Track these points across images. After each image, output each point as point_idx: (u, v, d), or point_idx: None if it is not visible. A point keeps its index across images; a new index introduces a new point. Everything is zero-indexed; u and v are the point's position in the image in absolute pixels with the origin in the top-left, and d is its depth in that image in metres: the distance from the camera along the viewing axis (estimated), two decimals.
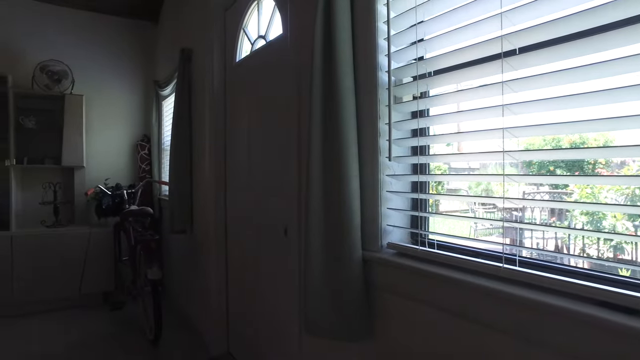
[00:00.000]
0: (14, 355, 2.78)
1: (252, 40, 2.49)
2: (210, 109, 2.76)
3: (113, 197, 3.79)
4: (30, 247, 3.60)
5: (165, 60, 4.05)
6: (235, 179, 2.64)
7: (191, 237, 3.24)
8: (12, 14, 3.94)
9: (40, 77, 3.84)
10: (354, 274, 1.36)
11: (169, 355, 2.81)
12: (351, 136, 1.37)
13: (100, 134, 4.31)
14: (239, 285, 2.61)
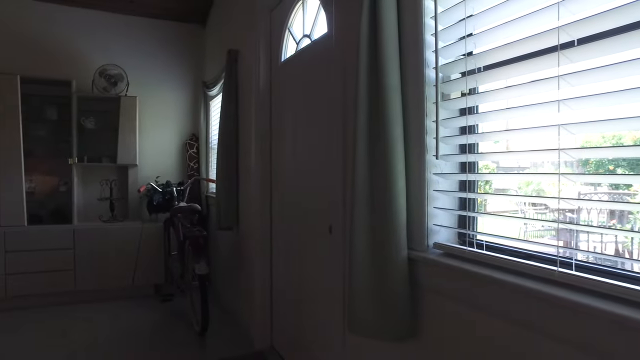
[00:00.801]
0: (77, 338, 2.97)
1: (297, 40, 2.52)
2: (256, 109, 2.81)
3: (163, 194, 3.95)
4: (89, 240, 3.83)
5: (212, 61, 4.18)
6: (281, 178, 2.67)
7: (237, 233, 3.32)
8: (76, 25, 4.21)
9: (99, 81, 4.07)
10: (399, 273, 1.34)
11: (215, 347, 2.90)
12: (397, 134, 1.35)
13: (152, 134, 4.51)
14: (283, 281, 2.65)
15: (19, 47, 4.04)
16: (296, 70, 2.43)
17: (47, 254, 3.71)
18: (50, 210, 4.05)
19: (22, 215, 3.70)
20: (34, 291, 3.68)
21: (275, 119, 2.75)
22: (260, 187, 2.79)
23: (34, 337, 3.05)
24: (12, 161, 3.68)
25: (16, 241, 3.63)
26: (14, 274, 3.62)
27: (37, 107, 3.97)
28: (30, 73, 3.93)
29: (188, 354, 2.79)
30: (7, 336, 3.06)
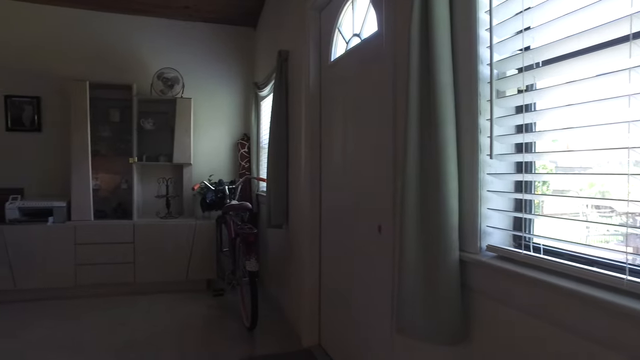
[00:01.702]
0: (136, 326, 3.15)
1: (346, 39, 2.51)
2: (305, 109, 2.84)
3: (216, 192, 4.08)
4: (147, 235, 4.04)
5: (263, 62, 4.26)
6: (330, 177, 2.68)
7: (287, 231, 3.37)
8: (137, 32, 4.46)
9: (157, 84, 4.28)
10: (450, 275, 1.31)
11: (264, 342, 2.96)
12: (449, 134, 1.31)
13: (206, 134, 4.68)
14: (331, 279, 2.66)
15: (88, 55, 4.34)
16: (346, 70, 2.43)
17: (110, 247, 3.95)
18: (113, 206, 4.32)
19: (89, 211, 3.97)
20: (99, 281, 3.93)
21: (324, 118, 2.77)
22: (310, 186, 2.81)
23: (98, 323, 3.26)
24: (81, 160, 3.96)
25: (84, 234, 3.89)
26: (82, 264, 3.89)
27: (102, 110, 4.24)
28: (97, 79, 4.21)
29: (238, 347, 2.87)
30: (75, 322, 3.29)
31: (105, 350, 2.81)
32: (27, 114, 4.21)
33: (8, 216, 3.79)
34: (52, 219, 3.88)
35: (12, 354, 2.74)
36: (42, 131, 4.26)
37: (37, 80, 4.23)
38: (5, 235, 3.73)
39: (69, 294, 3.91)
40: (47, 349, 2.81)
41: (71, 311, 3.55)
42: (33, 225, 3.80)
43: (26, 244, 3.77)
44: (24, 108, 4.21)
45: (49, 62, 4.26)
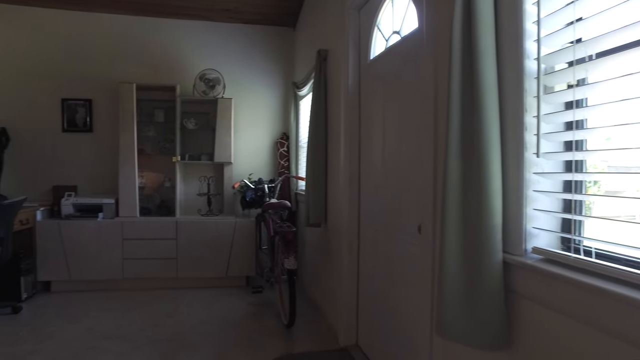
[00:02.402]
0: (179, 319, 3.26)
1: (386, 37, 2.49)
2: (344, 108, 2.84)
3: (255, 191, 4.15)
4: (189, 232, 4.17)
5: (302, 62, 4.29)
6: (369, 176, 2.67)
7: (325, 230, 3.38)
8: (181, 35, 4.61)
9: (199, 85, 4.40)
10: (493, 278, 1.27)
11: (301, 340, 2.98)
12: (493, 132, 1.27)
13: (246, 133, 4.76)
14: (370, 279, 2.64)
15: (135, 59, 4.53)
16: (385, 68, 2.41)
17: (154, 243, 4.11)
18: (157, 204, 4.48)
19: (135, 208, 4.15)
20: (144, 275, 4.10)
21: (364, 117, 2.75)
22: (349, 185, 2.81)
23: (143, 315, 3.39)
24: (128, 159, 4.14)
25: (131, 230, 4.07)
26: (129, 259, 4.06)
27: (147, 111, 4.41)
28: (143, 81, 4.39)
29: (275, 344, 2.91)
30: (123, 313, 3.44)
31: (150, 340, 2.92)
32: (80, 116, 4.45)
33: (64, 212, 4.02)
34: (102, 215, 4.08)
35: (65, 342, 2.90)
36: (94, 131, 4.49)
37: (89, 83, 4.46)
38: (62, 229, 3.96)
39: (117, 286, 4.10)
40: (97, 338, 2.96)
41: (119, 303, 3.72)
42: (85, 220, 4.02)
43: (79, 238, 3.99)
44: (78, 110, 4.45)
45: (100, 66, 4.47)
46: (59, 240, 3.96)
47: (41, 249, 3.94)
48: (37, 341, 2.91)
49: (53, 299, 3.83)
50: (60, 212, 4.05)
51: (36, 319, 3.34)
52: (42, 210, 4.06)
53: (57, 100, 4.41)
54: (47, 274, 3.97)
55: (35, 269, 3.92)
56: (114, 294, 3.96)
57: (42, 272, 3.96)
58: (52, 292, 4.02)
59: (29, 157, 4.38)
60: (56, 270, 3.97)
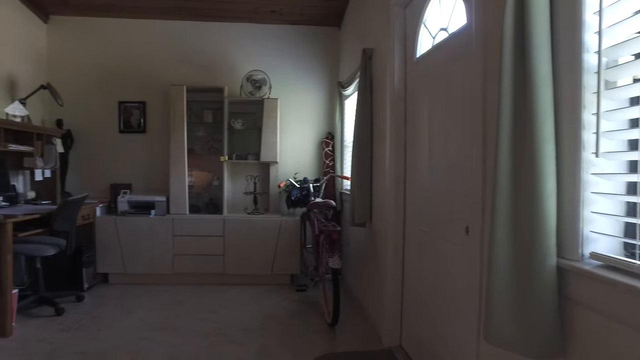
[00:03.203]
0: (225, 314, 3.36)
1: (432, 34, 2.43)
2: (390, 107, 2.80)
3: (301, 190, 4.19)
4: (236, 230, 4.27)
5: (347, 61, 4.28)
6: (415, 175, 2.62)
7: (369, 230, 3.36)
8: (228, 37, 4.73)
9: (246, 86, 4.50)
10: (546, 283, 1.21)
11: (344, 339, 2.98)
12: (547, 130, 1.21)
13: (291, 133, 4.82)
14: (415, 280, 2.60)
15: (185, 62, 4.71)
16: (432, 66, 2.36)
17: (203, 239, 4.25)
18: (205, 202, 4.63)
19: (185, 205, 4.31)
20: (193, 270, 4.25)
21: (409, 116, 2.71)
22: (394, 185, 2.77)
23: (193, 309, 3.52)
24: (179, 159, 4.31)
25: (181, 227, 4.23)
26: (179, 254, 4.23)
27: (197, 112, 4.57)
28: (193, 83, 4.55)
29: (319, 342, 2.92)
30: (174, 306, 3.59)
31: (198, 333, 3.02)
32: (135, 117, 4.68)
33: (119, 208, 4.25)
34: (154, 212, 4.27)
35: (121, 330, 3.06)
36: (147, 132, 4.70)
37: (144, 86, 4.68)
38: (118, 224, 4.19)
39: (168, 280, 4.27)
40: (149, 329, 3.10)
41: (169, 296, 3.88)
42: (139, 217, 4.22)
43: (133, 234, 4.20)
44: (133, 112, 4.68)
45: (152, 70, 4.68)
46: (115, 235, 4.19)
47: (100, 242, 4.19)
48: (97, 329, 3.10)
49: (111, 290, 4.06)
50: (116, 208, 4.29)
51: (96, 308, 3.55)
52: (101, 207, 4.31)
53: (114, 103, 4.67)
54: (105, 266, 4.21)
55: (95, 261, 4.18)
56: (165, 288, 4.13)
57: (101, 264, 4.20)
58: (110, 283, 4.26)
59: (89, 157, 4.66)
60: (113, 263, 4.21)
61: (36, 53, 4.45)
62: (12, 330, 3.00)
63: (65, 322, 3.22)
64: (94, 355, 2.68)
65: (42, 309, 3.46)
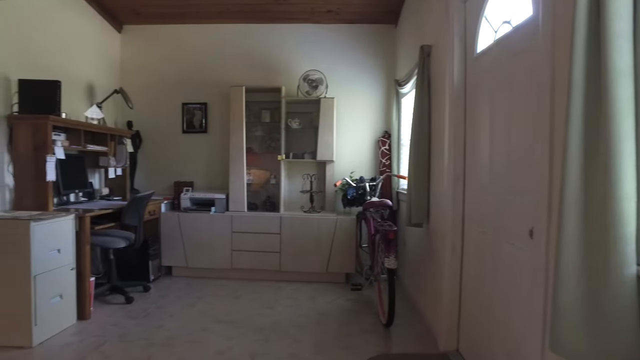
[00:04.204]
0: (280, 310, 3.43)
1: (494, 28, 2.33)
2: (449, 104, 2.72)
3: (357, 189, 4.18)
4: (292, 227, 4.34)
5: (404, 59, 4.21)
6: (475, 175, 2.53)
7: (426, 231, 3.28)
8: (285, 38, 4.82)
9: (303, 85, 4.56)
10: (622, 293, 1.11)
11: (399, 340, 2.93)
12: (626, 127, 1.11)
13: (348, 131, 4.82)
14: (474, 283, 2.51)
15: (244, 63, 4.86)
16: (493, 61, 2.26)
17: (260, 236, 4.36)
18: (262, 200, 4.75)
19: (243, 203, 4.45)
20: (250, 266, 4.37)
21: (469, 114, 2.61)
22: (453, 185, 2.69)
23: (249, 304, 3.63)
24: (237, 157, 4.45)
25: (239, 224, 4.37)
26: (237, 250, 4.37)
27: (255, 112, 4.70)
28: (251, 84, 4.68)
29: (373, 342, 2.90)
30: (232, 300, 3.72)
31: (254, 327, 3.11)
32: (197, 118, 4.90)
33: (182, 205, 4.47)
34: (214, 209, 4.44)
35: (184, 321, 3.23)
36: (208, 132, 4.91)
37: (205, 88, 4.89)
38: (180, 220, 4.41)
39: (226, 275, 4.43)
40: (209, 321, 3.24)
41: (228, 290, 4.02)
42: (200, 213, 4.41)
43: (195, 229, 4.39)
44: (195, 113, 4.91)
45: (213, 72, 4.87)
46: (178, 230, 4.41)
47: (164, 237, 4.43)
48: (162, 318, 3.28)
49: (174, 282, 4.28)
50: (179, 205, 4.51)
51: (161, 298, 3.77)
52: (165, 203, 4.56)
53: (178, 105, 4.92)
54: (169, 259, 4.45)
55: (160, 254, 4.42)
56: (223, 282, 4.29)
57: (165, 257, 4.44)
58: (173, 276, 4.49)
59: (155, 156, 4.95)
60: (176, 256, 4.43)
61: (111, 61, 4.78)
62: (90, 313, 3.27)
63: (134, 310, 3.45)
64: (159, 342, 2.85)
65: (114, 296, 3.73)
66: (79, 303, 3.19)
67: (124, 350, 2.72)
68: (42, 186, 3.24)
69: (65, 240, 3.04)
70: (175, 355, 2.68)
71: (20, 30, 3.42)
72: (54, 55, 3.84)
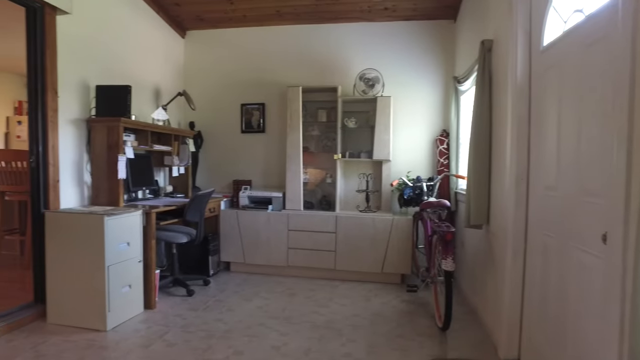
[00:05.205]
0: (335, 309, 3.44)
1: (564, 18, 2.19)
2: (512, 101, 2.60)
3: (413, 189, 4.10)
4: (347, 227, 4.34)
5: (464, 55, 4.07)
6: (540, 175, 2.39)
7: (486, 233, 3.16)
8: (341, 38, 4.83)
9: (359, 84, 4.54)
10: None
11: (456, 345, 2.84)
12: None
13: (404, 130, 4.74)
14: (537, 291, 2.37)
15: (301, 63, 4.92)
16: (563, 53, 2.12)
17: (315, 235, 4.40)
18: (318, 198, 4.79)
19: (300, 201, 4.51)
20: (305, 264, 4.43)
21: (534, 110, 2.47)
22: (515, 186, 2.56)
23: (304, 301, 3.67)
24: (294, 157, 4.52)
25: (295, 222, 4.44)
26: (293, 248, 4.44)
27: (312, 111, 4.75)
28: (308, 83, 4.74)
29: (428, 346, 2.83)
30: (287, 297, 3.79)
31: (308, 325, 3.15)
32: (255, 118, 5.04)
33: (241, 203, 4.62)
34: (271, 207, 4.54)
35: (241, 315, 3.33)
36: (266, 132, 5.03)
37: (263, 89, 5.02)
38: (239, 218, 4.55)
39: (282, 272, 4.52)
40: (265, 316, 3.31)
41: (284, 287, 4.10)
42: (257, 211, 4.53)
43: (253, 227, 4.52)
44: (253, 113, 5.05)
45: (271, 72, 4.99)
46: (236, 227, 4.56)
47: (223, 234, 4.59)
48: (220, 311, 3.41)
49: (232, 277, 4.43)
50: (238, 203, 4.66)
51: (219, 292, 3.91)
52: (225, 201, 4.73)
53: (237, 106, 5.08)
54: (227, 255, 4.61)
55: (219, 250, 4.59)
56: (279, 279, 4.38)
57: (224, 253, 4.61)
58: (231, 271, 4.65)
59: (215, 155, 5.15)
60: (234, 253, 4.58)
61: (175, 65, 5.04)
62: (155, 304, 3.47)
63: (194, 303, 3.61)
64: (218, 334, 2.96)
65: (177, 289, 3.93)
66: (146, 293, 3.40)
67: (186, 340, 2.86)
68: (114, 183, 3.49)
69: (134, 234, 3.25)
70: (233, 347, 2.77)
71: (98, 41, 3.69)
72: (126, 61, 4.11)
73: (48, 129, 3.16)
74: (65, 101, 3.33)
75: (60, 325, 3.05)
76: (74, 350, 2.67)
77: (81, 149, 3.49)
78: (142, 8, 4.36)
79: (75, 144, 3.43)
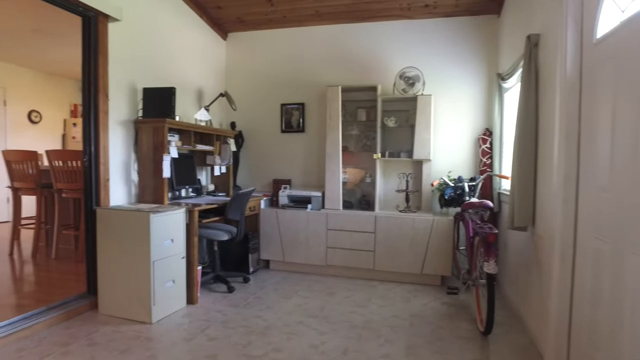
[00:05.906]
0: (373, 309, 3.42)
1: (621, 8, 2.06)
2: (560, 98, 2.48)
3: (455, 189, 4.00)
4: (387, 227, 4.30)
5: (508, 51, 3.93)
6: (590, 176, 2.27)
7: (531, 235, 3.03)
8: (380, 36, 4.78)
9: (399, 83, 4.49)
10: None
11: (499, 350, 2.74)
12: None
13: (445, 129, 4.64)
14: (589, 297, 2.25)
15: (340, 63, 4.92)
16: (620, 46, 2.00)
17: (354, 235, 4.39)
18: (357, 198, 4.77)
19: (339, 201, 4.51)
20: (344, 264, 4.42)
21: (585, 107, 2.35)
22: (564, 187, 2.45)
23: (342, 301, 3.67)
24: (334, 156, 4.52)
25: (334, 221, 4.45)
26: (332, 247, 4.45)
27: (351, 111, 4.74)
28: (347, 83, 4.74)
29: (469, 350, 2.75)
30: (326, 296, 3.80)
31: (346, 325, 3.14)
32: (294, 118, 5.09)
33: (280, 202, 4.67)
34: (311, 206, 4.57)
35: (280, 313, 3.37)
36: (305, 132, 5.07)
37: (302, 89, 5.05)
38: (278, 216, 4.61)
39: (321, 271, 4.54)
40: (304, 315, 3.34)
41: (322, 286, 4.11)
42: (297, 210, 4.57)
43: (292, 226, 4.57)
44: (293, 113, 5.10)
45: (310, 72, 5.02)
46: (276, 226, 4.62)
47: (263, 232, 4.67)
48: (260, 308, 3.47)
49: (271, 275, 4.50)
50: (278, 202, 4.72)
51: (259, 290, 3.98)
52: (265, 200, 4.81)
53: (277, 106, 5.15)
54: (267, 253, 4.68)
55: (259, 248, 4.67)
56: (318, 278, 4.40)
57: (264, 251, 4.68)
58: (271, 269, 4.72)
59: (256, 154, 5.25)
60: (274, 251, 4.65)
61: (217, 67, 5.18)
62: (197, 299, 3.58)
63: (234, 299, 3.69)
64: (257, 330, 3.01)
65: (217, 285, 4.04)
66: (188, 289, 3.51)
67: (226, 336, 2.93)
68: (159, 182, 3.63)
69: (178, 231, 3.36)
70: (272, 344, 2.81)
71: (145, 45, 3.86)
72: (171, 64, 4.26)
73: (99, 130, 3.33)
74: (115, 103, 3.50)
75: (110, 316, 3.21)
76: (122, 340, 2.80)
77: (129, 149, 3.65)
78: (186, 13, 4.51)
79: (123, 144, 3.60)
